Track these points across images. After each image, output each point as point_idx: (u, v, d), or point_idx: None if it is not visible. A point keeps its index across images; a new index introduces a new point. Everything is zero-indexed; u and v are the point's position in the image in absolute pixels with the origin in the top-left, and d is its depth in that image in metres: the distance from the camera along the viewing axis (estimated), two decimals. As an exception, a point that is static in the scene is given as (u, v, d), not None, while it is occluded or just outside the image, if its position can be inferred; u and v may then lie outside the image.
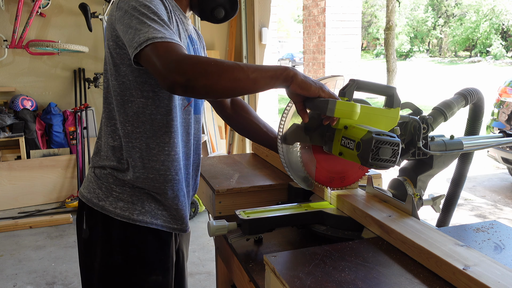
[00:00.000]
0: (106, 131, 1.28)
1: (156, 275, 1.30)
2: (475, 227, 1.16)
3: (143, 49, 1.05)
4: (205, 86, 1.01)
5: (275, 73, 1.06)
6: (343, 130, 1.11)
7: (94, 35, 4.82)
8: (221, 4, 1.33)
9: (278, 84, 1.08)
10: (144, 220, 1.26)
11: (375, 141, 1.01)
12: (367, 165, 1.04)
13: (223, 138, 5.12)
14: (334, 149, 1.14)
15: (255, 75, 1.04)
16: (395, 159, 1.05)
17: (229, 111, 1.57)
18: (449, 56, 31.07)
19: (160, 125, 1.24)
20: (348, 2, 5.21)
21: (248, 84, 1.04)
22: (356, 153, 1.05)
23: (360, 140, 1.04)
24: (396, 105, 1.16)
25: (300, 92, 1.08)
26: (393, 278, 0.89)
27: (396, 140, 1.04)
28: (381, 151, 1.02)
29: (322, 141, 1.19)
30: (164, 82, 1.02)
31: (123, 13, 1.13)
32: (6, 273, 3.23)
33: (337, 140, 1.13)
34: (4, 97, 4.75)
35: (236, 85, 1.04)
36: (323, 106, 1.06)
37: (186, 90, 1.02)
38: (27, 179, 4.54)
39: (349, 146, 1.08)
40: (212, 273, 3.14)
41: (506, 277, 0.81)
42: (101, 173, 1.28)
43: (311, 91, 1.07)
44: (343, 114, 1.06)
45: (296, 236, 1.27)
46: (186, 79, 1.00)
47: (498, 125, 5.19)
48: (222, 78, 1.02)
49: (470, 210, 4.65)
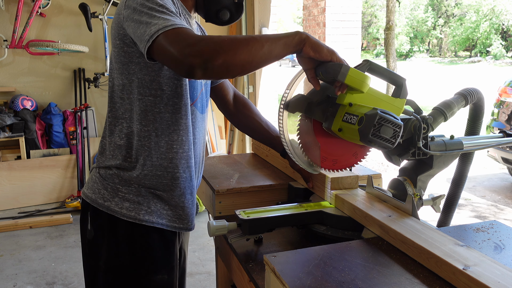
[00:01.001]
0: (112, 130, 1.28)
1: (161, 274, 1.30)
2: (475, 227, 1.16)
3: (155, 40, 1.05)
4: (223, 63, 1.01)
5: (287, 39, 1.06)
6: (347, 107, 1.11)
7: (94, 35, 4.82)
8: (227, 6, 1.33)
9: (292, 49, 1.07)
10: (150, 220, 1.27)
11: (378, 117, 1.02)
12: (366, 141, 1.04)
13: (223, 138, 5.12)
14: (335, 124, 1.13)
15: (269, 44, 1.04)
16: (394, 141, 1.05)
17: (231, 108, 1.58)
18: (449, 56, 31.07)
19: (168, 123, 1.25)
20: (348, 2, 5.20)
21: (264, 54, 1.04)
22: (358, 127, 1.04)
23: (365, 114, 1.04)
24: (403, 96, 1.16)
25: (312, 55, 1.08)
26: (393, 278, 0.89)
27: (399, 122, 1.04)
28: (382, 129, 1.03)
29: (323, 117, 1.19)
30: (182, 67, 1.02)
31: (132, 11, 1.14)
32: (6, 273, 3.23)
33: (339, 116, 1.12)
34: (4, 97, 4.74)
35: (252, 58, 1.04)
36: (336, 70, 1.05)
37: (205, 71, 1.01)
38: (27, 179, 4.54)
39: (351, 121, 1.07)
40: (212, 273, 3.14)
41: (506, 277, 0.81)
42: (107, 173, 1.28)
43: (323, 53, 1.07)
44: (353, 81, 1.06)
45: (296, 236, 1.27)
46: (203, 60, 1.00)
47: (498, 125, 5.19)
48: (238, 53, 1.02)
49: (470, 210, 4.65)
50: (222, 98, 1.57)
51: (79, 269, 3.25)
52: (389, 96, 1.16)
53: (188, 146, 1.30)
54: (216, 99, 1.59)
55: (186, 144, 1.29)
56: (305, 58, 1.10)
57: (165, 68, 1.22)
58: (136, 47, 1.18)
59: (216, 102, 1.60)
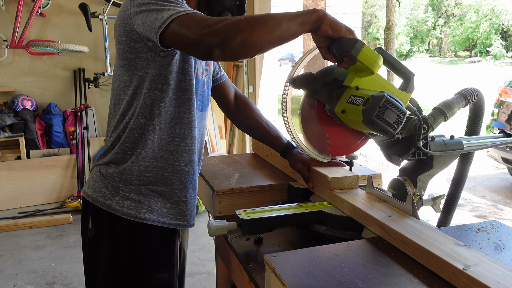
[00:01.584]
0: (115, 126, 1.29)
1: (162, 272, 1.31)
2: (475, 227, 1.16)
3: (168, 26, 1.05)
4: (242, 42, 1.00)
5: (305, 17, 1.05)
6: (353, 89, 1.10)
7: (94, 35, 4.81)
8: (229, 8, 1.34)
9: (309, 27, 1.06)
10: (151, 219, 1.27)
11: (385, 100, 1.02)
12: (368, 122, 1.03)
13: (223, 138, 5.12)
14: (338, 106, 1.13)
15: (286, 22, 1.03)
16: (396, 127, 1.05)
17: (232, 108, 1.59)
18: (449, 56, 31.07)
19: (171, 117, 1.26)
20: (348, 2, 5.20)
21: (281, 32, 1.03)
22: (362, 108, 1.04)
23: (371, 96, 1.04)
24: (409, 90, 1.16)
25: (330, 33, 1.07)
26: (393, 278, 0.89)
27: (404, 109, 1.05)
28: (386, 113, 1.02)
29: (328, 99, 1.18)
30: (200, 49, 1.02)
31: (139, 5, 1.14)
32: (6, 273, 3.23)
33: (344, 98, 1.12)
34: (4, 97, 4.74)
35: (270, 36, 1.03)
36: (351, 44, 1.04)
37: (223, 50, 1.01)
38: (27, 179, 4.54)
39: (356, 102, 1.07)
40: (212, 273, 3.14)
41: (506, 277, 0.81)
42: (107, 171, 1.29)
43: (342, 32, 1.06)
44: (366, 59, 1.05)
45: (296, 236, 1.27)
46: (222, 39, 0.99)
47: (498, 125, 5.19)
48: (256, 31, 1.01)
49: (470, 210, 4.65)
50: (223, 97, 1.58)
51: (79, 269, 3.25)
52: (396, 87, 1.16)
53: (191, 141, 1.31)
54: (217, 98, 1.59)
55: (188, 138, 1.30)
56: (321, 36, 1.08)
57: (173, 63, 1.22)
58: (143, 43, 1.19)
59: (217, 101, 1.61)
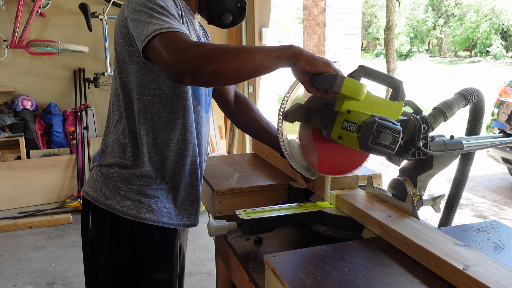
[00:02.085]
0: (114, 128, 1.29)
1: (162, 272, 1.31)
2: (475, 227, 1.16)
3: (150, 40, 1.05)
4: (213, 71, 1.01)
5: (280, 52, 1.06)
6: (345, 114, 1.10)
7: (94, 35, 4.81)
8: (230, 9, 1.34)
9: (285, 63, 1.06)
10: (151, 218, 1.27)
11: (377, 125, 1.01)
12: (366, 149, 1.04)
13: (223, 138, 5.12)
14: (334, 132, 1.13)
15: (261, 56, 1.04)
16: (394, 147, 1.05)
17: (232, 108, 1.59)
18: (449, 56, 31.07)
19: (166, 123, 1.26)
20: (348, 2, 5.20)
21: (255, 66, 1.04)
22: (356, 135, 1.04)
23: (363, 122, 1.03)
24: (400, 98, 1.16)
25: (308, 69, 1.07)
26: (393, 278, 0.89)
27: (398, 127, 1.04)
28: (381, 136, 1.02)
29: (322, 125, 1.18)
30: (172, 72, 1.02)
31: (133, 10, 1.15)
32: (6, 273, 3.23)
33: (338, 123, 1.12)
34: (4, 97, 4.74)
35: (243, 68, 1.03)
36: (331, 81, 1.04)
37: (194, 78, 1.01)
38: (27, 179, 4.54)
39: (350, 129, 1.07)
40: (212, 273, 3.14)
41: (506, 277, 0.81)
42: (108, 171, 1.29)
43: (319, 66, 1.07)
44: (349, 91, 1.05)
45: (296, 236, 1.27)
46: (193, 66, 1.00)
47: (498, 125, 5.19)
48: (229, 62, 1.01)
49: (470, 210, 4.65)
50: (224, 97, 1.58)
51: (79, 269, 3.25)
52: (387, 99, 1.16)
53: (185, 146, 1.30)
54: (217, 98, 1.59)
55: (182, 143, 1.29)
56: (300, 72, 1.09)
57: None
58: (136, 46, 1.19)
59: (217, 101, 1.61)
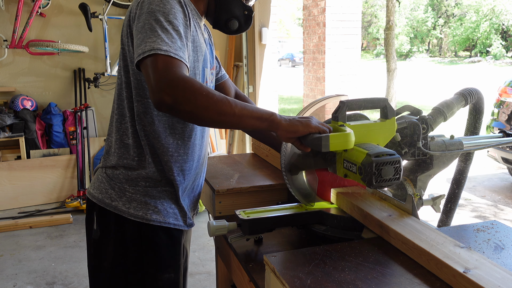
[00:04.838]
0: (117, 128, 1.29)
1: (168, 273, 1.31)
2: (475, 227, 1.16)
3: (146, 57, 1.06)
4: (191, 112, 1.03)
5: (261, 116, 1.08)
6: (343, 153, 1.11)
7: (94, 35, 4.81)
8: (236, 16, 1.34)
9: (264, 127, 1.10)
10: (157, 219, 1.27)
11: (375, 164, 1.02)
12: (374, 187, 1.05)
13: (223, 138, 5.12)
14: (339, 171, 1.15)
15: (242, 112, 1.06)
16: (399, 176, 1.05)
17: None
18: (449, 56, 31.08)
19: (165, 127, 1.25)
20: (348, 2, 5.20)
21: (233, 120, 1.06)
22: (360, 176, 1.06)
23: (361, 164, 1.04)
24: (390, 115, 1.16)
25: (290, 136, 1.10)
26: (393, 278, 0.89)
27: (396, 157, 1.04)
28: (383, 172, 1.02)
29: (326, 164, 1.20)
30: (153, 97, 1.03)
31: (140, 14, 1.14)
32: (6, 273, 3.23)
33: (339, 163, 1.14)
34: (4, 97, 4.74)
35: (221, 119, 1.06)
36: (317, 144, 1.07)
37: (171, 111, 1.03)
38: (27, 179, 4.54)
39: (352, 169, 1.08)
40: (212, 273, 3.14)
41: (506, 281, 0.81)
42: (113, 173, 1.29)
43: (300, 132, 1.09)
44: (338, 146, 1.07)
45: (296, 236, 1.27)
46: (173, 101, 1.01)
47: (498, 125, 5.19)
48: (208, 110, 1.03)
49: (470, 210, 4.65)
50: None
51: (79, 269, 3.25)
52: (378, 122, 1.17)
53: (184, 150, 1.30)
54: None
55: (183, 146, 1.29)
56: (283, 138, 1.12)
57: None
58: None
59: None
